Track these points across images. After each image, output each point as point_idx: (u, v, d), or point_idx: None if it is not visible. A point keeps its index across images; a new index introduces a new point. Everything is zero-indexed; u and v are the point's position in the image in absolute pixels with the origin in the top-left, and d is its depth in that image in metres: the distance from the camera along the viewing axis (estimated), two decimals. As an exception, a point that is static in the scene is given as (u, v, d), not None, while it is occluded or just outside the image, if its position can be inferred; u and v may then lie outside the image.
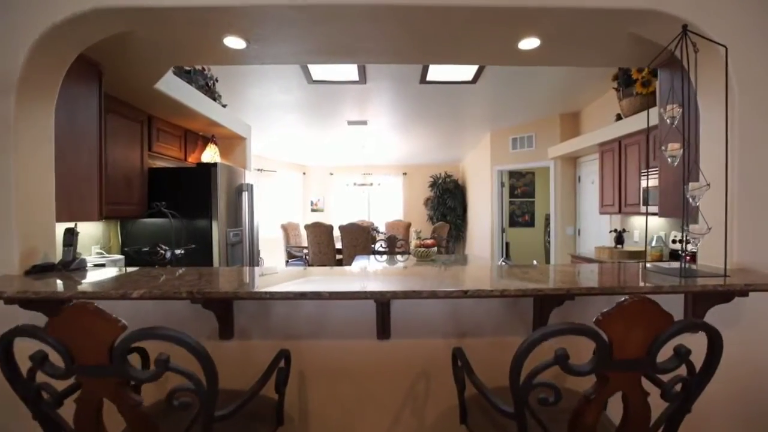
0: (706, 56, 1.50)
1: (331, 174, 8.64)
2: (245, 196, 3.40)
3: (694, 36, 1.42)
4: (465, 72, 3.96)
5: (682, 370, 0.83)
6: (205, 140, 3.49)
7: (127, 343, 0.78)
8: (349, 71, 3.93)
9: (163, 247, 2.11)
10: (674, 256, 3.38)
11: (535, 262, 1.82)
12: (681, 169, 1.97)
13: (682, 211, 1.45)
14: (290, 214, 8.15)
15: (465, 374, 1.07)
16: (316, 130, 5.99)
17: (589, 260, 3.80)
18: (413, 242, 3.71)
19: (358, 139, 6.50)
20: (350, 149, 7.18)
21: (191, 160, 3.38)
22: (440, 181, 8.16)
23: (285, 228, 7.15)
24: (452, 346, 1.19)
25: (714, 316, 1.41)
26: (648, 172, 3.29)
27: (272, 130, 5.91)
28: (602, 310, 0.77)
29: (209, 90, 3.25)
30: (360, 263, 3.67)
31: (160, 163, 3.18)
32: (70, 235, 1.55)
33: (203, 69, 3.30)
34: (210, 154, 3.30)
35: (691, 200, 1.42)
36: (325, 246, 6.13)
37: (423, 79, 4.10)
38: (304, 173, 8.56)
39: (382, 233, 6.55)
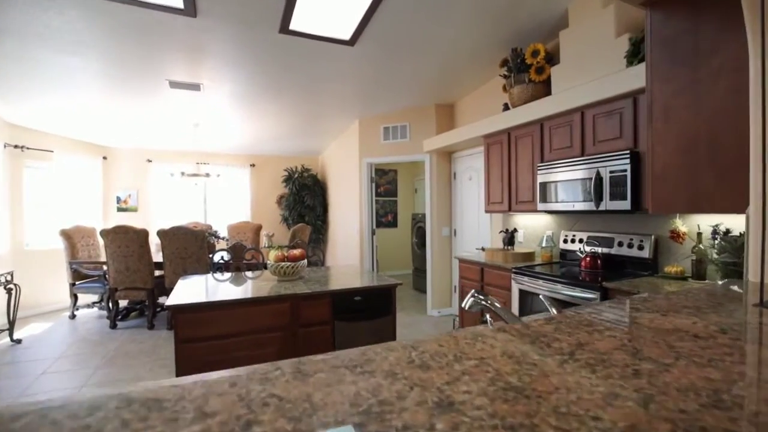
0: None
1: (149, 161, 6.45)
2: None
3: None
4: (343, 27, 3.00)
5: None
6: None
7: None
8: (166, -11, 2.48)
9: None
10: (564, 256, 3.19)
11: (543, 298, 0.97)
12: (691, 139, 1.47)
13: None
14: (83, 214, 5.69)
15: None
16: (121, 92, 4.08)
17: (482, 264, 3.34)
18: (272, 253, 2.54)
19: (188, 113, 4.80)
20: (177, 127, 5.34)
21: None
22: (297, 175, 7.01)
23: (68, 235, 4.83)
24: None
25: None
26: (544, 166, 2.98)
27: (44, 85, 3.74)
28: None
29: None
30: (187, 285, 2.29)
31: None
32: None
33: None
34: None
35: None
36: (136, 260, 4.27)
37: (284, 27, 2.95)
38: (104, 158, 6.14)
39: (223, 239, 5.01)
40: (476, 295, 1.03)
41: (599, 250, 2.81)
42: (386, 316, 2.43)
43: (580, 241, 3.01)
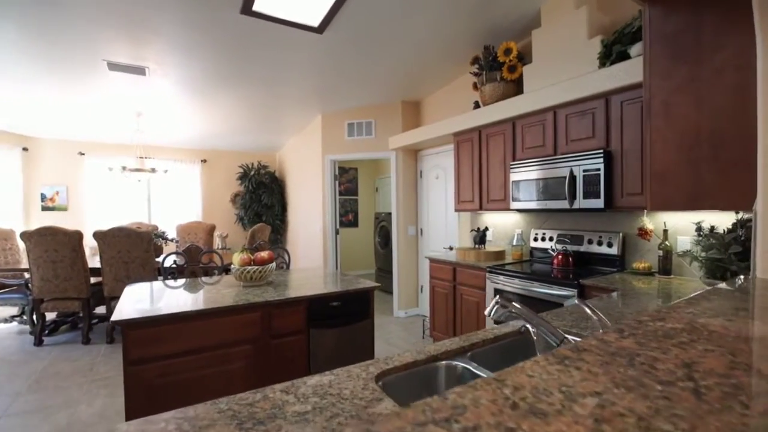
0: None
1: (82, 153, 5.75)
2: None
3: None
4: (312, 12, 2.79)
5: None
6: None
7: None
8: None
9: None
10: (533, 254, 3.22)
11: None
12: (693, 136, 1.46)
13: None
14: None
15: None
16: (47, 72, 3.54)
17: (454, 264, 3.29)
18: (236, 256, 2.29)
19: (130, 101, 4.30)
20: (117, 116, 4.79)
21: None
22: (253, 172, 6.61)
23: (-22, 239, 4.14)
24: None
25: None
26: (517, 164, 2.98)
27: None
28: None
29: None
30: (135, 294, 1.98)
31: None
32: None
33: None
34: None
35: None
36: (68, 266, 3.74)
37: (247, 7, 2.69)
38: (25, 149, 5.37)
39: (172, 240, 4.56)
40: (501, 301, 0.92)
41: (569, 247, 2.86)
42: (364, 321, 2.28)
43: (550, 239, 3.05)
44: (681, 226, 2.38)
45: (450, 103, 4.24)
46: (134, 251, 3.80)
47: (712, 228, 1.51)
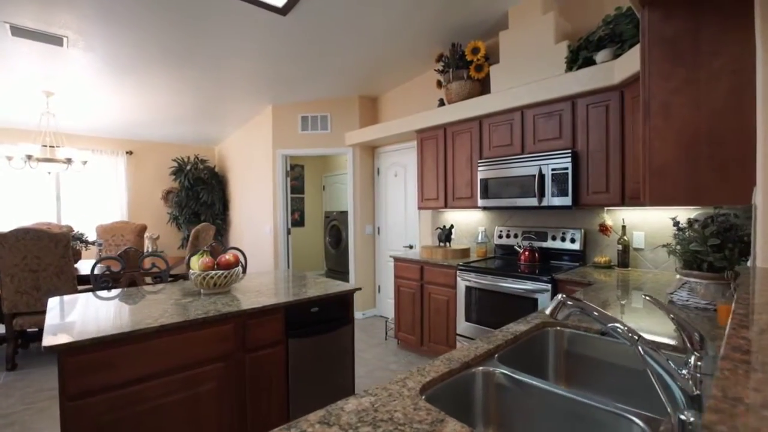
0: None
1: (-33, 140, 4.73)
2: None
3: None
4: (276, -11, 2.54)
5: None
6: None
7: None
8: None
9: None
10: (497, 251, 3.29)
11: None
12: (692, 135, 1.52)
13: None
14: None
15: None
16: None
17: (422, 262, 3.24)
18: (195, 260, 2.00)
19: (38, 77, 3.61)
20: (19, 95, 4.00)
21: None
22: (190, 167, 5.99)
23: None
24: None
25: None
26: (485, 162, 3.01)
27: None
28: None
29: None
30: (65, 311, 1.61)
31: None
32: None
33: None
34: None
35: None
36: (-49, 277, 3.00)
37: (202, -23, 2.36)
38: None
39: (95, 244, 3.93)
40: (564, 299, 0.84)
41: (534, 244, 2.96)
42: (345, 326, 2.12)
43: (515, 236, 3.14)
44: (636, 222, 2.57)
45: (409, 101, 4.20)
46: (46, 257, 3.18)
47: (690, 222, 1.61)
